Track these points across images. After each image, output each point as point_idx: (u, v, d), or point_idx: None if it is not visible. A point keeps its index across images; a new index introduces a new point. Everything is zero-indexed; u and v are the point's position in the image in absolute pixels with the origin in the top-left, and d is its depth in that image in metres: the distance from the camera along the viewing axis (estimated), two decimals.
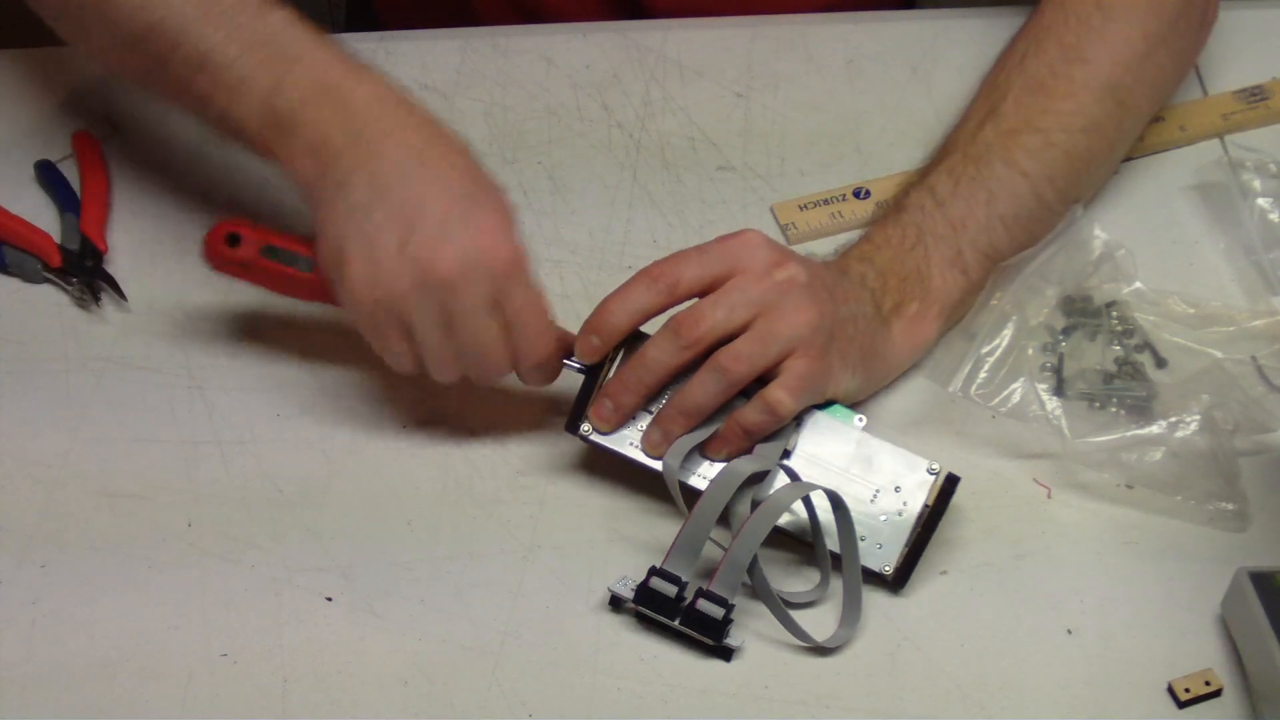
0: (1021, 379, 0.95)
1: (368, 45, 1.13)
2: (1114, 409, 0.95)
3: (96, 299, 1.01)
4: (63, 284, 1.02)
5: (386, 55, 1.13)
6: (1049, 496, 0.94)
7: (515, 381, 0.93)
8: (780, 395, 0.88)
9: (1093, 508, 0.93)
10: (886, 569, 0.89)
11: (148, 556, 0.91)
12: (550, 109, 1.12)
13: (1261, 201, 1.04)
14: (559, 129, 1.10)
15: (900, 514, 0.89)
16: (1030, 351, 0.96)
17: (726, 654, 0.87)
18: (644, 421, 0.90)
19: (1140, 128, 1.06)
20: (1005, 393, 0.94)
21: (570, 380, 0.92)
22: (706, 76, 1.13)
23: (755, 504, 0.87)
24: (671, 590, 0.86)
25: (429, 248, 0.87)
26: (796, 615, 0.88)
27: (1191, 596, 0.89)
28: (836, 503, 0.88)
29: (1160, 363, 0.98)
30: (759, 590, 0.87)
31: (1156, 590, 0.90)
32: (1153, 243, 1.04)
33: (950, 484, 0.89)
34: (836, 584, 0.89)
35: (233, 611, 0.89)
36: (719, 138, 1.10)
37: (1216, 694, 0.86)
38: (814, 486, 0.88)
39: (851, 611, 0.88)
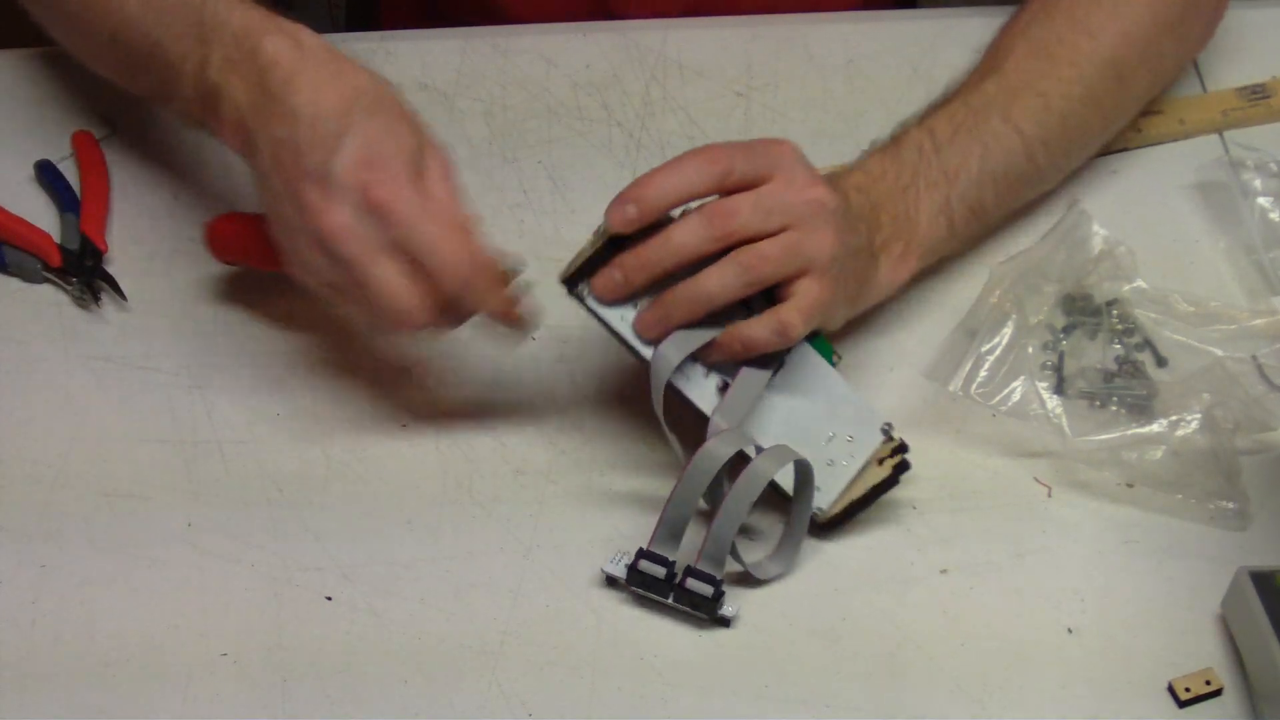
0: (1022, 378, 0.95)
1: (368, 45, 1.13)
2: (1114, 407, 0.95)
3: (96, 299, 1.01)
4: (63, 284, 1.02)
5: (386, 55, 1.13)
6: (1049, 495, 0.94)
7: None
8: (793, 317, 0.87)
9: (1093, 506, 0.93)
10: (820, 510, 0.89)
11: (147, 556, 0.91)
12: (550, 109, 1.12)
13: (1262, 200, 1.04)
14: (559, 129, 1.10)
15: (846, 464, 0.90)
16: (1030, 350, 0.96)
17: (724, 623, 0.88)
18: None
19: (1135, 110, 1.07)
20: (1005, 391, 0.94)
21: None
22: (706, 76, 1.13)
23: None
24: (660, 571, 0.87)
25: (314, 213, 0.86)
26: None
27: (1192, 596, 0.89)
28: (805, 473, 0.88)
29: (1161, 361, 0.98)
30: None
31: (1156, 589, 0.90)
32: (1153, 241, 1.04)
33: (903, 465, 0.90)
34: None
35: (233, 611, 0.89)
36: (719, 138, 1.09)
37: (1217, 693, 0.86)
38: (793, 456, 0.88)
39: (788, 551, 0.89)
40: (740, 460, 0.87)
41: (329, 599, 0.90)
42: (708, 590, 0.86)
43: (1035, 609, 0.89)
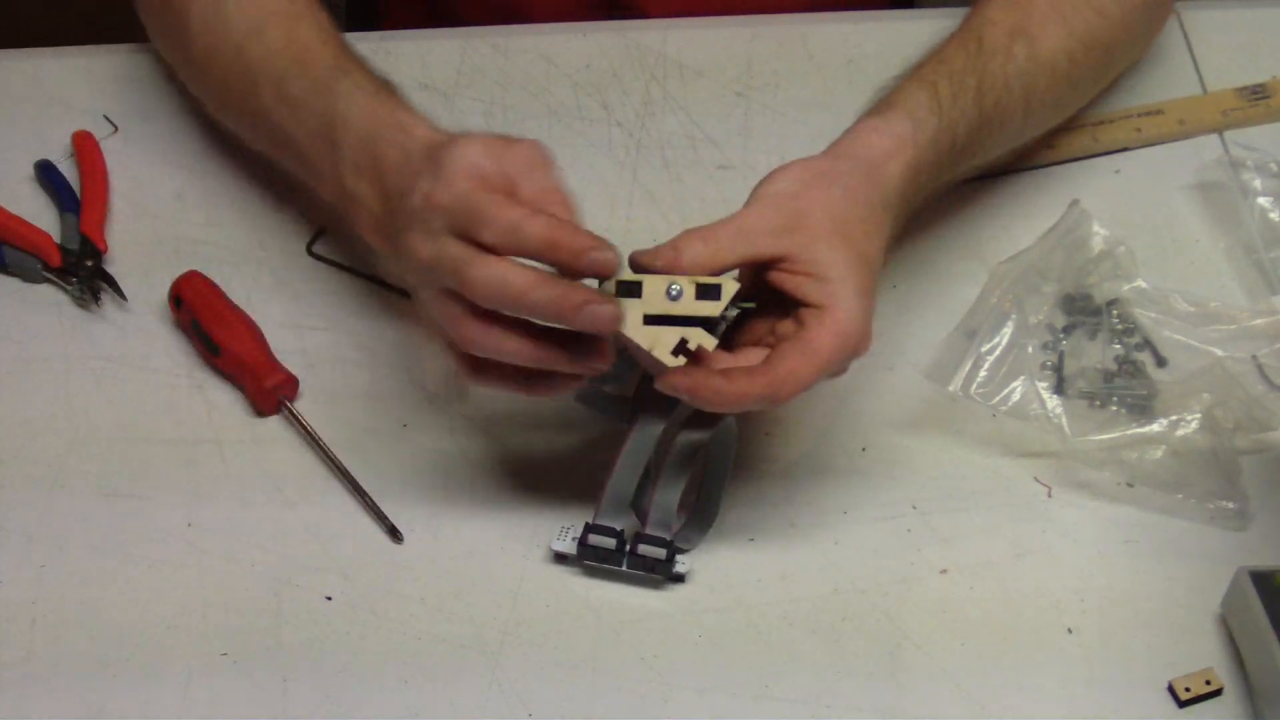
0: (1022, 378, 0.94)
1: (368, 45, 1.13)
2: (1114, 407, 0.95)
3: (96, 299, 1.01)
4: (63, 284, 1.02)
5: (386, 55, 1.13)
6: (1049, 495, 0.94)
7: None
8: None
9: (1093, 506, 0.93)
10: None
11: (147, 556, 0.91)
12: (550, 109, 1.12)
13: (1262, 200, 1.04)
14: (559, 129, 1.10)
15: None
16: (1030, 350, 0.96)
17: (679, 580, 0.89)
18: None
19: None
20: (1005, 391, 0.94)
21: None
22: (706, 76, 1.13)
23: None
24: (611, 542, 0.88)
25: (407, 247, 0.85)
26: None
27: (1192, 596, 0.89)
28: (727, 431, 0.89)
29: (1161, 361, 0.98)
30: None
31: (1156, 589, 0.90)
32: (1153, 241, 1.04)
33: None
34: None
35: (233, 611, 0.89)
36: (719, 137, 1.10)
37: (1217, 693, 0.86)
38: (724, 418, 0.88)
39: (704, 517, 0.91)
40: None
41: (329, 599, 0.90)
42: (660, 553, 0.88)
43: (1035, 609, 0.89)
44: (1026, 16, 0.99)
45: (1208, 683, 0.86)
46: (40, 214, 1.05)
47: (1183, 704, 0.86)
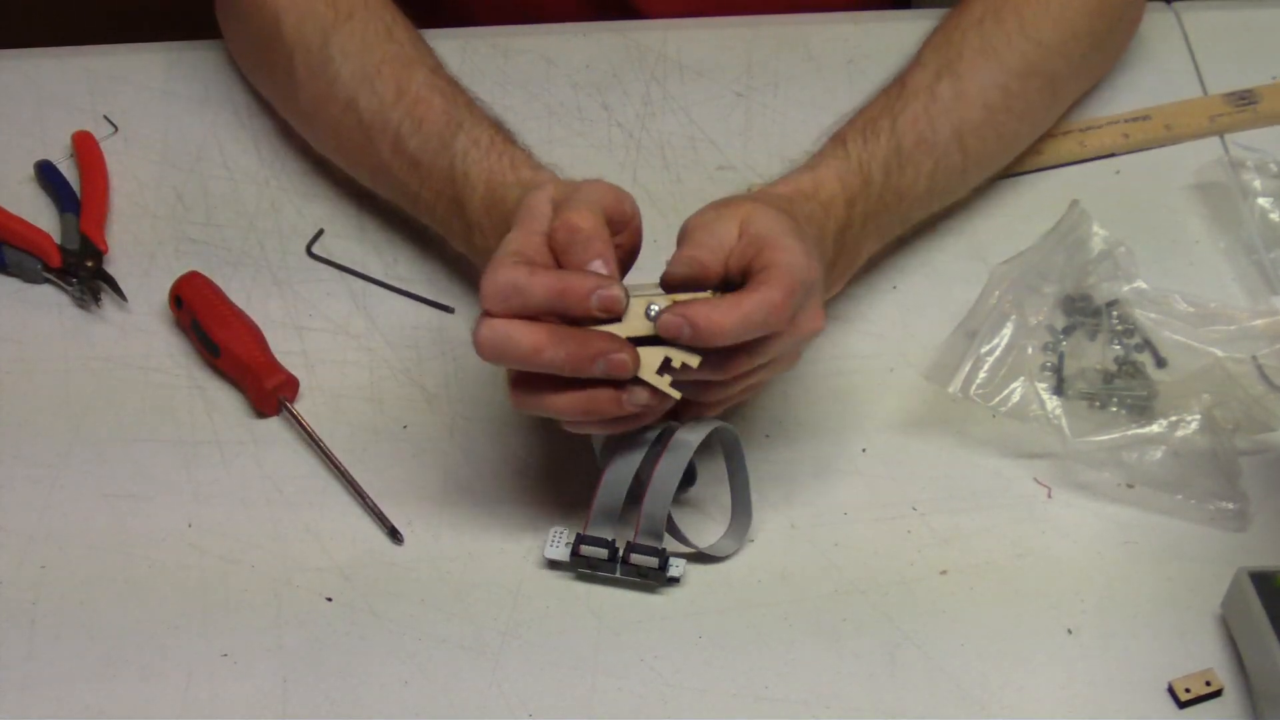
0: (1021, 378, 0.95)
1: None
2: (1114, 408, 0.95)
3: (96, 299, 1.01)
4: (63, 284, 1.02)
5: None
6: (1049, 496, 0.94)
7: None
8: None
9: (1093, 507, 0.93)
10: None
11: (148, 556, 0.91)
12: (550, 109, 1.12)
13: (1262, 201, 1.04)
14: (559, 129, 1.10)
15: None
16: (1030, 351, 0.96)
17: (674, 583, 0.90)
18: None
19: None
20: (1005, 392, 0.94)
21: None
22: (706, 76, 1.13)
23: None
24: (602, 552, 0.89)
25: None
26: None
27: (1192, 596, 0.89)
28: (731, 440, 0.90)
29: (1160, 362, 0.98)
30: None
31: (1156, 590, 0.90)
32: (1153, 241, 1.04)
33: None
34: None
35: (233, 611, 0.89)
36: (719, 137, 1.10)
37: (1217, 694, 0.86)
38: (714, 424, 0.88)
39: (740, 524, 0.91)
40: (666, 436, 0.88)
41: (329, 599, 0.90)
42: (653, 561, 0.88)
43: (1035, 609, 0.89)
44: (957, 56, 1.01)
45: (1208, 683, 0.86)
46: (40, 214, 1.05)
47: (1183, 704, 0.86)
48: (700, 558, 0.90)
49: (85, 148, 1.07)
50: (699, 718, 0.86)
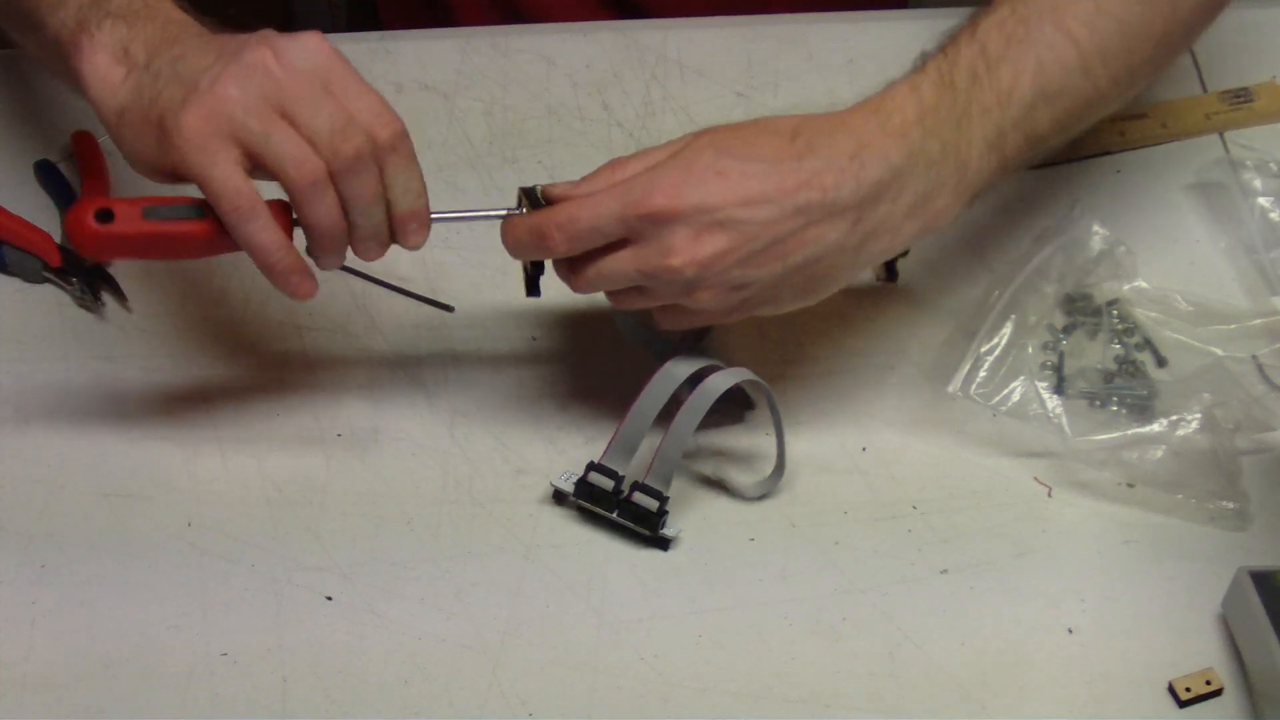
0: (1021, 378, 0.95)
1: (368, 45, 1.13)
2: (1114, 407, 0.95)
3: (97, 299, 1.01)
4: (63, 284, 1.02)
5: (386, 55, 1.13)
6: (1049, 495, 0.94)
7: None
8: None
9: (1093, 506, 0.93)
10: None
11: (148, 556, 0.91)
12: (550, 109, 1.12)
13: (1262, 200, 1.04)
14: (559, 128, 1.10)
15: None
16: (1030, 350, 0.96)
17: (664, 544, 0.90)
18: None
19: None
20: (1005, 391, 0.94)
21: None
22: (706, 76, 1.13)
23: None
24: (609, 484, 0.89)
25: None
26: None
27: (1192, 596, 0.89)
28: (765, 390, 0.90)
29: (1161, 361, 0.98)
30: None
31: (1157, 590, 0.90)
32: (1153, 241, 1.04)
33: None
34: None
35: (233, 611, 0.89)
36: None
37: (1217, 694, 0.86)
38: (746, 375, 0.89)
39: (777, 466, 0.92)
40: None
41: (329, 599, 0.90)
42: (653, 505, 0.88)
43: (1035, 609, 0.89)
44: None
45: (1208, 683, 0.86)
46: (40, 214, 1.05)
47: (1183, 704, 0.86)
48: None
49: (85, 148, 1.07)
50: (699, 718, 0.86)
